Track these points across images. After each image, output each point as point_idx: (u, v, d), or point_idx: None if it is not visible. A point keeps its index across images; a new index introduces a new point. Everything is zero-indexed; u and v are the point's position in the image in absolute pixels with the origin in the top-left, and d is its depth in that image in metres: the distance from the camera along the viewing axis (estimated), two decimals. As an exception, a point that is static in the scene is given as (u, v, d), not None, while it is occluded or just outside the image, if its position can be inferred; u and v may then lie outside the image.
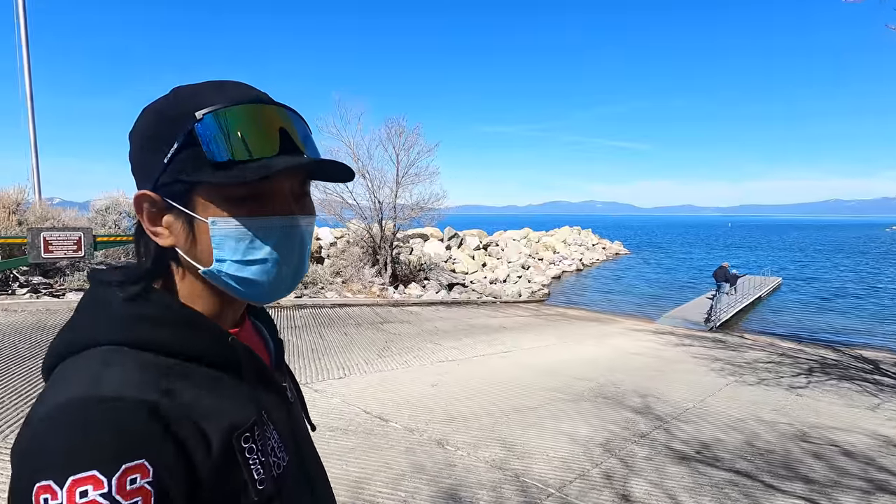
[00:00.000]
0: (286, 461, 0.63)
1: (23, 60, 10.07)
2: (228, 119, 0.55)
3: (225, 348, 0.60)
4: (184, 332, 0.57)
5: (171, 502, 0.47)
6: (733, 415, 5.10)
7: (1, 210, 8.36)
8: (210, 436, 0.53)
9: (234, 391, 0.59)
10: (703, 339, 11.14)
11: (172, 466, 0.48)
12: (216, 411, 0.55)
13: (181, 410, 0.52)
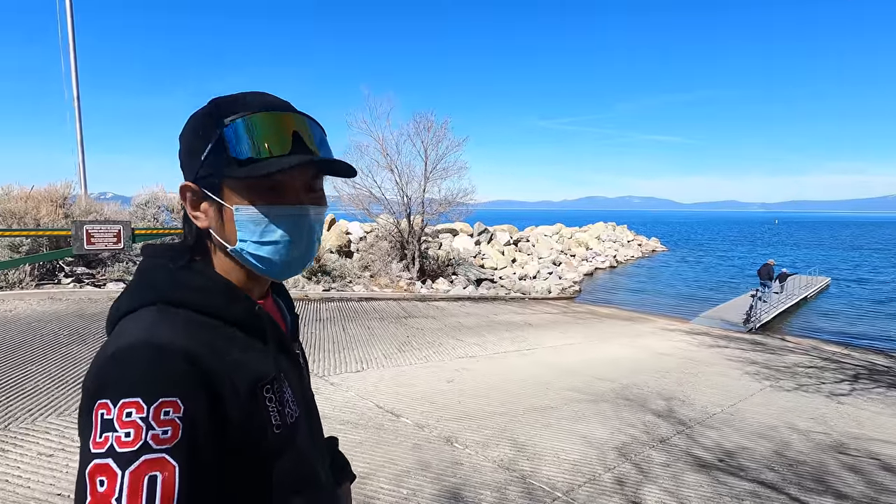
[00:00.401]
0: (298, 413, 0.75)
1: (70, 63, 10.60)
2: (249, 125, 0.67)
3: (253, 315, 0.72)
4: (221, 298, 0.70)
5: (196, 437, 0.58)
6: (764, 422, 4.84)
7: (49, 204, 8.85)
8: (238, 384, 0.65)
9: (259, 351, 0.72)
10: (739, 340, 10.67)
11: (202, 408, 0.60)
12: (244, 365, 0.68)
13: (216, 361, 0.64)
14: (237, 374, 0.66)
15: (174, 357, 0.60)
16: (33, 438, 3.14)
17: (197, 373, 0.61)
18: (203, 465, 0.59)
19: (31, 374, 4.21)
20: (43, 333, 5.39)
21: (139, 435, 0.55)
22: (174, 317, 0.65)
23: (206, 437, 0.59)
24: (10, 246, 8.01)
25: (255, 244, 0.70)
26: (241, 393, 0.65)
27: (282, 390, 0.73)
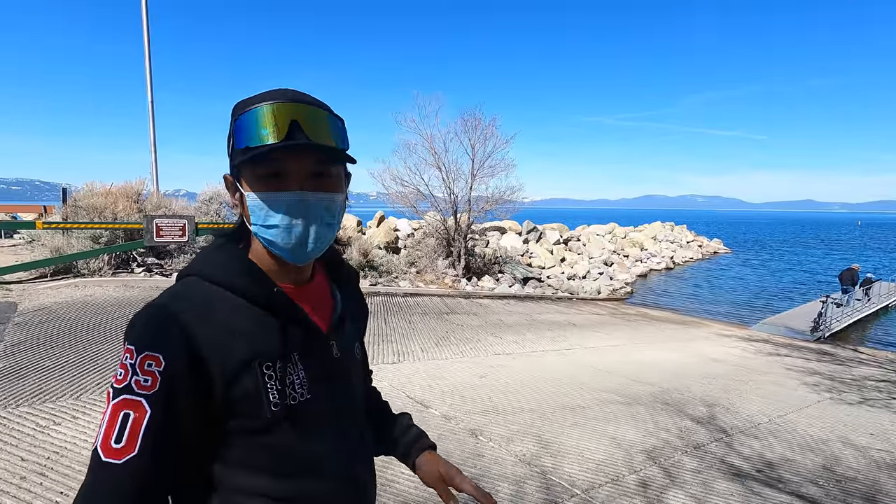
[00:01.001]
0: (306, 398, 0.78)
1: (145, 70, 11.53)
2: (248, 118, 0.74)
3: (270, 295, 0.78)
4: (243, 278, 0.78)
5: (172, 391, 0.68)
6: (816, 435, 4.55)
7: (125, 199, 9.70)
8: (231, 356, 0.72)
9: (271, 330, 0.77)
10: (804, 349, 9.97)
11: (183, 367, 0.68)
12: (248, 338, 0.74)
13: (212, 332, 0.72)
14: (234, 346, 0.72)
15: (168, 321, 0.70)
16: (101, 408, 3.51)
17: (184, 338, 0.69)
18: (174, 416, 0.67)
19: (103, 352, 4.68)
20: (115, 317, 5.96)
21: (126, 377, 0.67)
22: (197, 288, 0.76)
23: (184, 393, 0.68)
24: (91, 237, 8.86)
25: (261, 228, 0.76)
26: (232, 364, 0.71)
27: (286, 371, 0.76)
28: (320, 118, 0.76)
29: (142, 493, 0.66)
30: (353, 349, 0.92)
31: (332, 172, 0.78)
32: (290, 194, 0.74)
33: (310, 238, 0.77)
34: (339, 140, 0.77)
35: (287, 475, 0.77)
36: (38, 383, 3.84)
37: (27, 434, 3.06)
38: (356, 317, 0.97)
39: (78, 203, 9.47)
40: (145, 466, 0.66)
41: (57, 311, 6.06)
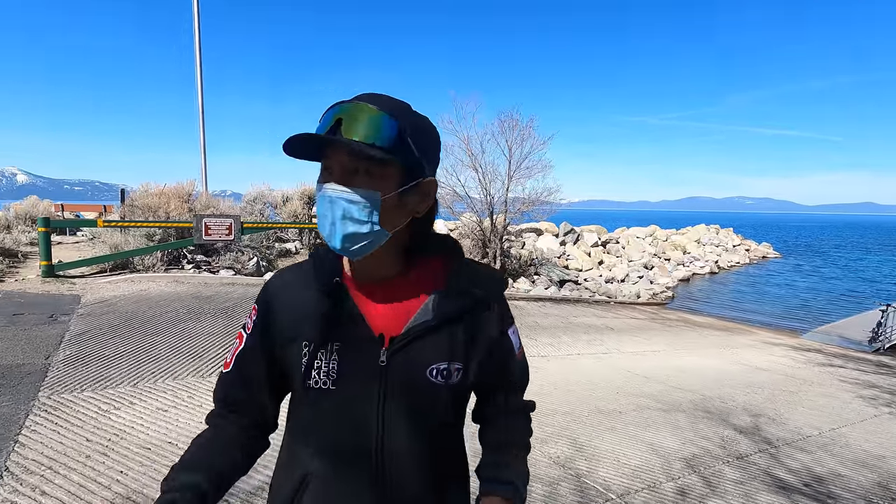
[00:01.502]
0: (328, 387, 0.84)
1: (197, 76, 12.11)
2: (323, 114, 0.80)
3: (328, 284, 0.86)
4: (318, 267, 0.89)
5: (253, 331, 0.92)
6: (871, 450, 4.31)
7: (177, 199, 10.22)
8: (289, 325, 0.88)
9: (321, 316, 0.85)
10: (860, 360, 9.41)
11: (261, 319, 0.91)
12: (303, 316, 0.87)
13: (287, 302, 0.89)
14: (292, 319, 0.88)
15: (266, 286, 0.93)
16: (154, 396, 3.74)
17: (267, 301, 0.91)
18: (254, 351, 0.92)
19: (156, 343, 4.97)
20: (167, 310, 6.30)
21: (246, 318, 0.95)
22: (302, 266, 0.93)
23: (260, 340, 0.91)
24: (146, 235, 9.39)
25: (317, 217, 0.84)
26: (285, 333, 0.88)
27: (316, 355, 0.84)
28: (362, 115, 0.76)
29: (225, 393, 0.93)
30: (420, 366, 0.85)
31: (371, 169, 0.78)
32: (319, 186, 0.81)
33: (336, 232, 0.79)
34: (378, 138, 0.76)
35: (308, 444, 0.89)
36: (99, 370, 4.12)
37: (91, 416, 3.30)
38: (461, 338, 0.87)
39: (134, 203, 10.06)
40: (231, 378, 0.93)
41: (115, 304, 6.47)
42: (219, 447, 0.89)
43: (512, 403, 1.00)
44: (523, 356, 1.01)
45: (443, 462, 0.91)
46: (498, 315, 0.93)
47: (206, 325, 5.78)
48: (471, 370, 0.89)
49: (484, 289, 0.91)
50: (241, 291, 7.83)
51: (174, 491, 0.80)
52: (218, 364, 4.56)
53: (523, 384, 1.02)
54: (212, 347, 5.00)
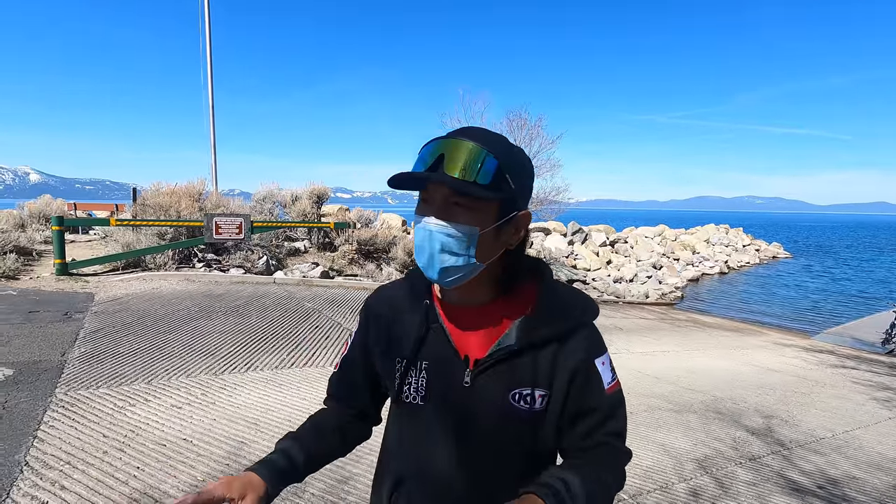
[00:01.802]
0: (418, 400, 0.91)
1: (207, 74, 12.20)
2: (423, 147, 0.84)
3: (421, 308, 0.92)
4: (413, 284, 0.96)
5: (356, 337, 1.03)
6: (886, 453, 4.26)
7: (188, 198, 10.31)
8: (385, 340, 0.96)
9: (413, 333, 0.92)
10: (873, 362, 9.30)
11: (363, 327, 1.02)
12: (398, 332, 0.94)
13: (381, 317, 0.98)
14: (388, 335, 0.96)
15: (367, 304, 1.03)
16: (168, 393, 3.79)
17: (369, 316, 1.01)
18: (352, 354, 1.03)
19: (169, 341, 5.02)
20: (179, 308, 6.37)
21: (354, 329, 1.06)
22: (394, 288, 1.02)
23: (360, 348, 1.02)
24: (157, 234, 9.48)
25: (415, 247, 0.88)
26: (381, 347, 0.97)
27: (408, 372, 0.91)
28: (463, 152, 0.79)
29: (331, 390, 1.07)
30: (502, 390, 0.86)
31: (471, 205, 0.80)
32: (419, 218, 0.84)
33: (433, 263, 0.82)
34: (478, 175, 0.78)
35: (401, 453, 0.97)
36: (113, 367, 4.17)
37: (107, 413, 3.35)
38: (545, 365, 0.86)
39: (146, 202, 10.16)
40: (337, 378, 1.06)
41: (128, 301, 6.54)
42: (322, 428, 1.01)
43: (597, 440, 0.90)
44: (616, 392, 0.92)
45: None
46: (586, 343, 0.89)
47: (217, 323, 5.83)
48: (555, 398, 0.88)
49: (572, 316, 0.89)
50: (251, 290, 7.89)
51: (276, 453, 0.93)
52: (230, 362, 4.60)
53: (614, 423, 0.91)
54: (224, 345, 5.04)
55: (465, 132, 0.83)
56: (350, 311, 7.20)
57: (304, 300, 7.57)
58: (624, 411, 0.94)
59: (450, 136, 0.82)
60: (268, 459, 0.90)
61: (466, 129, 0.84)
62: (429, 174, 0.80)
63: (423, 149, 0.83)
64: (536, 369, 0.86)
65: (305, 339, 5.61)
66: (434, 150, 0.81)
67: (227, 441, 3.14)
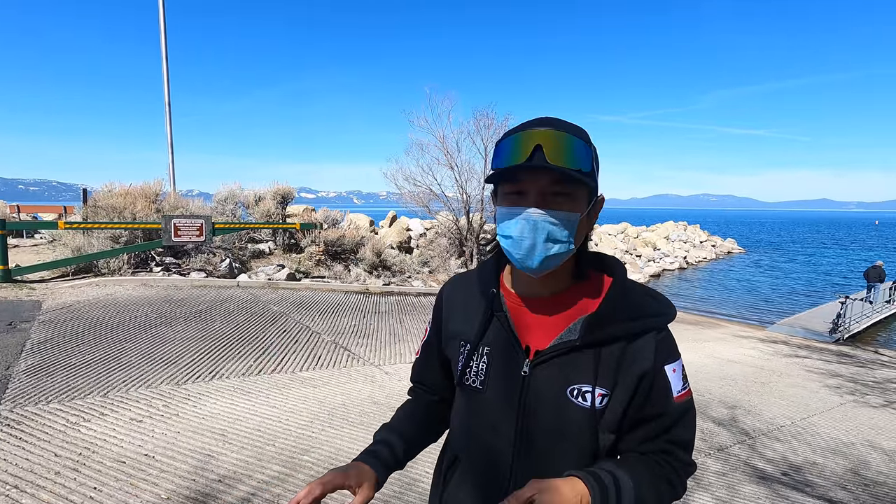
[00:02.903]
0: (477, 384, 0.93)
1: (163, 71, 11.67)
2: (505, 143, 0.84)
3: (488, 294, 0.94)
4: (482, 277, 0.98)
5: (432, 324, 1.07)
6: (841, 438, 4.48)
7: (144, 199, 9.83)
8: (453, 324, 1.00)
9: (478, 319, 0.94)
10: (823, 351, 9.82)
11: (437, 314, 1.06)
12: (465, 318, 0.98)
13: (452, 302, 1.03)
14: (456, 319, 1.00)
15: (441, 292, 1.07)
16: (126, 406, 3.57)
17: (440, 301, 1.06)
18: (430, 339, 1.07)
19: (126, 350, 4.75)
20: (137, 315, 6.05)
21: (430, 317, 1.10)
22: (466, 277, 1.04)
23: (433, 330, 1.07)
24: (111, 237, 9.00)
25: (501, 238, 0.87)
26: (448, 330, 1.01)
27: (471, 356, 0.94)
28: (562, 141, 0.81)
29: (416, 375, 1.12)
30: (560, 384, 0.85)
31: (571, 192, 0.83)
32: (520, 210, 0.83)
33: (534, 252, 0.83)
34: (579, 163, 0.81)
35: (460, 432, 0.99)
36: (65, 380, 3.91)
37: (59, 430, 3.12)
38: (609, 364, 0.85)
39: (98, 203, 9.62)
40: (420, 363, 1.11)
41: (80, 309, 6.16)
42: (413, 416, 1.07)
43: (659, 446, 0.87)
44: (687, 402, 0.89)
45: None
46: (655, 347, 0.86)
47: (178, 329, 5.57)
48: (618, 399, 0.84)
49: (643, 317, 0.87)
50: (214, 294, 7.59)
51: (376, 444, 0.98)
52: (193, 371, 4.39)
53: (680, 431, 0.88)
54: (186, 353, 4.81)
55: (550, 122, 0.84)
56: (319, 314, 7.03)
57: (271, 303, 7.34)
58: (693, 421, 0.90)
59: (539, 126, 0.83)
60: (371, 450, 0.96)
61: (548, 120, 0.85)
62: (539, 163, 0.80)
63: (506, 141, 0.83)
64: (599, 367, 0.84)
65: (273, 344, 5.43)
66: (526, 141, 0.81)
67: (192, 454, 2.98)
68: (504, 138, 0.85)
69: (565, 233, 0.82)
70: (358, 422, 3.68)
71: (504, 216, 0.85)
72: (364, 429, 3.57)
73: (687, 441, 0.89)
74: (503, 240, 0.86)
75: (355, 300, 8.60)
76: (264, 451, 3.09)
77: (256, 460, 2.98)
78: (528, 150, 0.80)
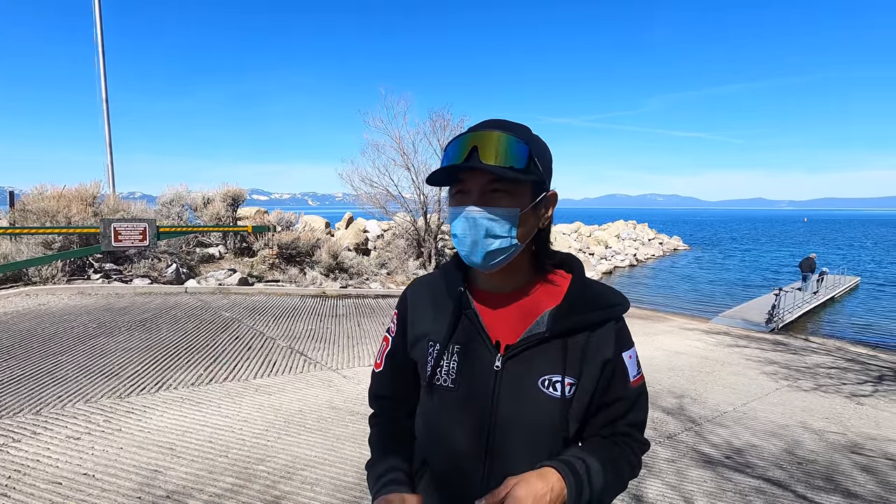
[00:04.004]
0: (447, 384, 0.93)
1: (100, 67, 11.00)
2: (448, 147, 0.88)
3: (454, 292, 0.95)
4: (446, 277, 0.99)
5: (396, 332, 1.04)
6: (777, 421, 4.79)
7: (79, 203, 9.21)
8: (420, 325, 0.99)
9: (447, 319, 0.94)
10: (760, 340, 10.48)
11: (401, 320, 1.04)
12: (432, 318, 0.98)
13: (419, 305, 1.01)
14: (423, 320, 0.99)
15: (405, 291, 1.06)
16: (62, 423, 3.33)
17: (405, 304, 1.04)
18: (394, 347, 1.04)
19: (62, 363, 4.44)
20: (73, 326, 5.66)
21: (390, 322, 1.08)
22: (430, 278, 1.05)
23: (399, 335, 1.04)
24: (43, 243, 8.39)
25: (452, 236, 0.90)
26: (415, 332, 0.99)
27: (441, 356, 0.93)
28: (498, 141, 0.84)
29: (382, 390, 1.07)
30: (531, 376, 0.88)
31: (510, 189, 0.85)
32: (461, 209, 0.87)
33: (477, 248, 0.86)
34: (513, 161, 0.84)
35: (428, 435, 0.98)
36: (-9, 399, 3.60)
37: (-16, 453, 2.87)
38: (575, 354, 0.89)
39: (27, 207, 8.94)
40: (383, 375, 1.06)
41: (7, 321, 5.71)
42: (394, 437, 1.03)
43: (619, 429, 0.94)
44: (641, 386, 0.96)
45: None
46: (615, 336, 0.93)
47: (120, 339, 5.26)
48: (585, 388, 0.90)
49: (603, 308, 0.92)
50: (160, 301, 7.22)
51: (390, 472, 0.94)
52: (138, 383, 4.15)
53: (636, 414, 0.95)
54: (129, 364, 4.55)
55: (490, 124, 0.88)
56: (273, 319, 6.83)
57: (222, 309, 7.06)
58: (646, 404, 0.98)
59: (477, 129, 0.87)
60: (394, 478, 0.94)
61: (490, 122, 0.89)
62: (472, 163, 0.83)
63: (450, 145, 0.88)
64: (566, 357, 0.89)
65: (225, 351, 5.22)
66: (465, 143, 0.85)
67: (137, 471, 2.82)
68: (450, 142, 0.88)
69: (505, 228, 0.85)
70: (316, 428, 3.60)
71: (450, 215, 0.90)
72: (322, 435, 3.49)
73: (641, 422, 0.97)
74: (453, 238, 0.89)
75: (312, 304, 8.41)
76: (216, 463, 2.97)
77: (208, 473, 2.85)
78: (465, 152, 0.84)
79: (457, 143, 0.87)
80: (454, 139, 0.88)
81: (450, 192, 0.91)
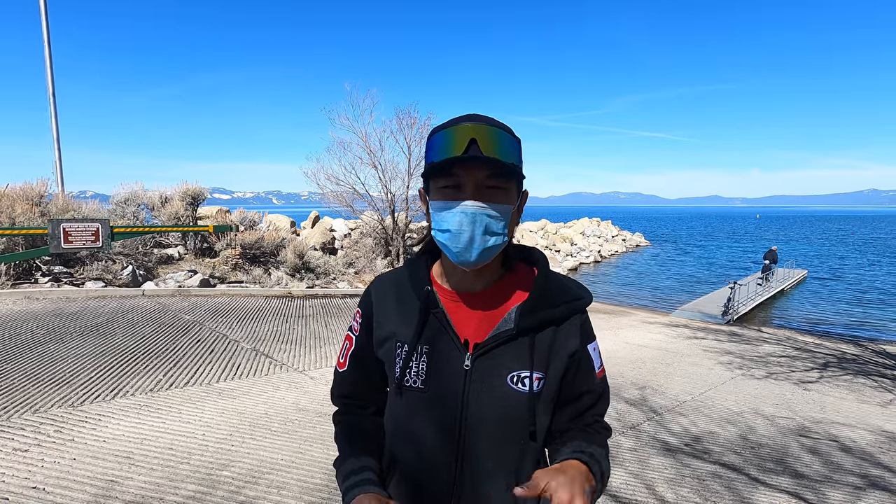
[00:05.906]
0: (418, 385, 0.91)
1: (45, 59, 10.41)
2: (438, 138, 0.85)
3: (421, 292, 0.93)
4: (413, 276, 0.97)
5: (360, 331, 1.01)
6: (732, 408, 5.02)
7: (24, 202, 8.71)
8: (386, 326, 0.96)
9: (414, 319, 0.92)
10: (717, 332, 10.93)
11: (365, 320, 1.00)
12: (399, 318, 0.95)
13: (385, 305, 0.98)
14: (389, 320, 0.96)
15: (368, 290, 1.02)
16: (9, 434, 3.15)
17: (369, 303, 1.00)
18: (363, 348, 1.00)
19: (7, 372, 4.19)
20: (19, 332, 5.35)
21: (353, 321, 1.04)
22: (400, 272, 1.00)
23: (366, 338, 1.00)
24: (-16, 245, 7.89)
25: (437, 232, 0.86)
26: (381, 332, 0.96)
27: (410, 357, 0.91)
28: (495, 135, 0.83)
29: (346, 389, 1.04)
30: (501, 373, 0.88)
31: (504, 186, 0.84)
32: (456, 203, 0.83)
33: (473, 245, 0.83)
34: (511, 156, 0.84)
35: (398, 436, 0.97)
36: (-72, 412, 3.37)
37: (-81, 470, 2.68)
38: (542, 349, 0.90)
39: (-35, 207, 8.38)
40: (348, 374, 1.03)
41: (-55, 329, 5.34)
42: (362, 435, 0.99)
43: (587, 420, 0.96)
44: (604, 377, 0.99)
45: (522, 471, 0.92)
46: (580, 329, 0.94)
47: (72, 346, 5.01)
48: (552, 381, 0.91)
49: (568, 302, 0.93)
50: (115, 305, 6.91)
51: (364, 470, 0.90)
52: (91, 390, 3.97)
53: (602, 404, 0.98)
54: (82, 371, 4.34)
55: (480, 118, 0.86)
56: (237, 321, 6.65)
57: (182, 312, 6.83)
58: (609, 394, 1.01)
59: (469, 121, 0.85)
60: (366, 478, 0.90)
61: (477, 116, 0.87)
62: (477, 156, 0.81)
63: (439, 136, 0.85)
64: (534, 353, 0.89)
65: (185, 355, 5.05)
66: (461, 135, 0.82)
67: (91, 482, 2.70)
68: (436, 133, 0.85)
69: (501, 225, 0.85)
70: (282, 430, 3.53)
71: (440, 209, 0.85)
72: (289, 437, 3.43)
73: (605, 411, 1.00)
74: (440, 234, 0.86)
75: (277, 305, 8.24)
76: (177, 471, 2.87)
77: (168, 481, 2.76)
78: (463, 144, 0.81)
79: (450, 135, 0.83)
80: (442, 130, 0.85)
81: (432, 186, 0.87)
